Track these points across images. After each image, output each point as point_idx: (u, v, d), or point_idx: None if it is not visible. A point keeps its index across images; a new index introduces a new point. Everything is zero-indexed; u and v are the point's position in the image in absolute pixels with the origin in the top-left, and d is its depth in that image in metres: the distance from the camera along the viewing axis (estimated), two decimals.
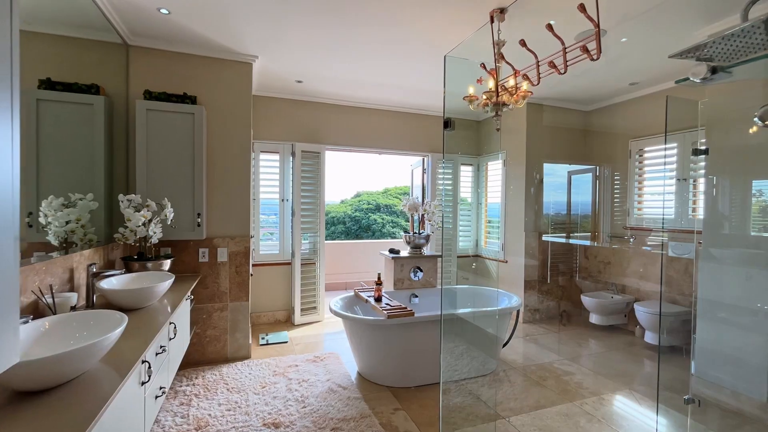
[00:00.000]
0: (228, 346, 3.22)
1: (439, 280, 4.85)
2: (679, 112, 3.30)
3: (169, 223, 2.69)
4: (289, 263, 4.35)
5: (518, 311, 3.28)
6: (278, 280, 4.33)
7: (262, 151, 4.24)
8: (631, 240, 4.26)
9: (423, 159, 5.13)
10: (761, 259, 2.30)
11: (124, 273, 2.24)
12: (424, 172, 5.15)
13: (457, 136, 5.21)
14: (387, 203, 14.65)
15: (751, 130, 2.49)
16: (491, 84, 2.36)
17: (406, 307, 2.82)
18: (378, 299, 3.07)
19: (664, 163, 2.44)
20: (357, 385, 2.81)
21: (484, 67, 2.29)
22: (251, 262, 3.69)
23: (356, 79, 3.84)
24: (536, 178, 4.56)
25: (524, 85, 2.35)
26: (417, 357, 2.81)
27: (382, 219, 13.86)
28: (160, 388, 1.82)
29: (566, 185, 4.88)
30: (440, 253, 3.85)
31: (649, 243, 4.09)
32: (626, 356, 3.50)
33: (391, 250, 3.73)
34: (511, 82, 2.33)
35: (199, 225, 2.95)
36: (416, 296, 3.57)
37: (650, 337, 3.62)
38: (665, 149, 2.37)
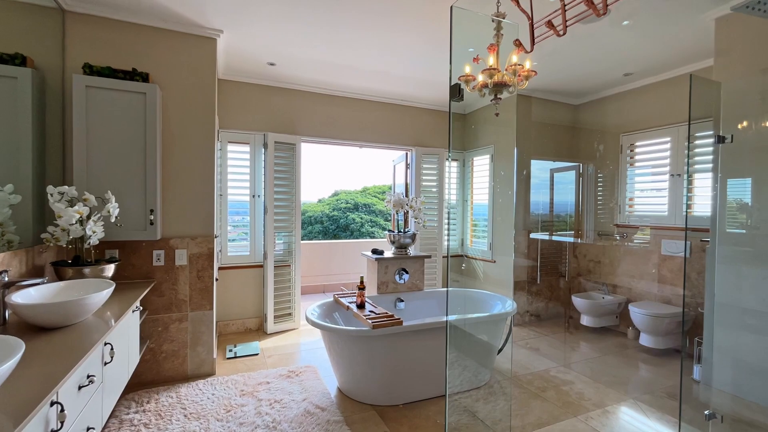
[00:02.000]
0: (188, 361, 2.81)
1: (427, 282, 4.57)
2: (695, 96, 3.08)
3: (113, 220, 2.27)
4: (261, 266, 3.95)
5: (512, 316, 3.03)
6: (249, 285, 3.92)
7: (230, 142, 3.83)
8: (617, 237, 4.12)
9: (406, 153, 4.83)
10: None
11: (48, 281, 1.81)
12: (407, 168, 4.85)
13: (441, 127, 4.94)
14: (366, 202, 14.37)
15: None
16: (491, 61, 2.08)
17: (393, 315, 2.50)
18: (361, 305, 2.74)
19: (687, 155, 2.21)
20: (337, 405, 2.47)
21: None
22: (217, 265, 3.28)
23: (336, 63, 3.49)
24: (523, 174, 4.36)
25: (527, 64, 2.08)
26: (406, 371, 2.50)
27: (361, 218, 13.56)
28: (88, 429, 1.43)
29: (548, 183, 4.71)
30: (427, 254, 3.56)
31: (635, 240, 3.95)
32: (622, 361, 3.31)
33: (374, 251, 3.41)
34: (514, 58, 2.05)
35: (152, 223, 2.53)
36: (402, 300, 3.27)
37: (645, 340, 3.45)
38: (688, 138, 2.15)
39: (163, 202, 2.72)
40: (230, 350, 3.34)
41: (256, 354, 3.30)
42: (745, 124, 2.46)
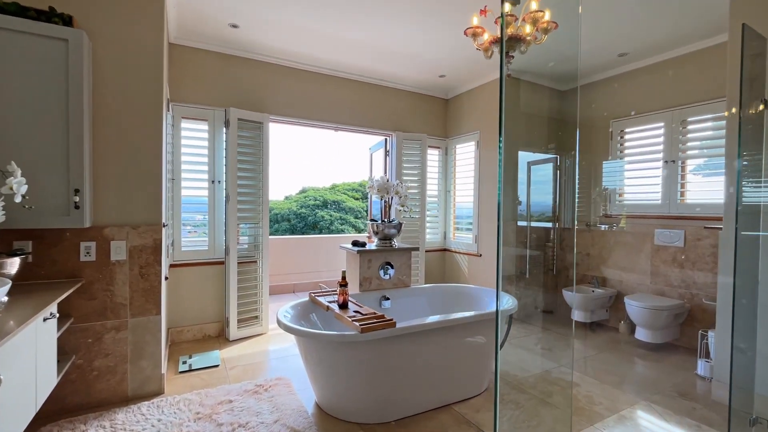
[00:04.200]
0: (128, 379, 2.28)
1: (412, 276, 4.21)
2: (708, 74, 2.82)
3: (18, 200, 1.72)
4: (222, 262, 3.43)
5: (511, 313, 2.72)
6: (208, 284, 3.39)
7: (184, 118, 3.28)
8: (602, 227, 3.97)
9: (386, 139, 4.45)
10: None
11: None
12: (386, 155, 4.47)
13: (424, 111, 4.61)
14: (335, 199, 13.95)
15: None
16: (507, 8, 1.73)
17: (383, 315, 2.11)
18: (343, 305, 2.33)
19: (739, 130, 1.94)
20: (317, 426, 2.05)
21: None
22: (167, 261, 2.75)
23: (311, 29, 3.05)
24: (509, 163, 4.10)
25: (546, 14, 1.76)
26: (399, 381, 2.12)
27: (330, 216, 13.12)
28: None
29: (524, 178, 4.52)
30: (415, 246, 3.20)
31: (616, 229, 3.80)
32: (621, 357, 3.11)
33: (355, 243, 3.00)
34: (533, 5, 1.72)
35: (77, 207, 1.98)
36: (387, 299, 2.88)
37: (642, 334, 3.28)
38: (740, 106, 1.87)
39: (94, 180, 2.18)
40: (184, 362, 2.81)
41: (216, 366, 2.80)
42: None
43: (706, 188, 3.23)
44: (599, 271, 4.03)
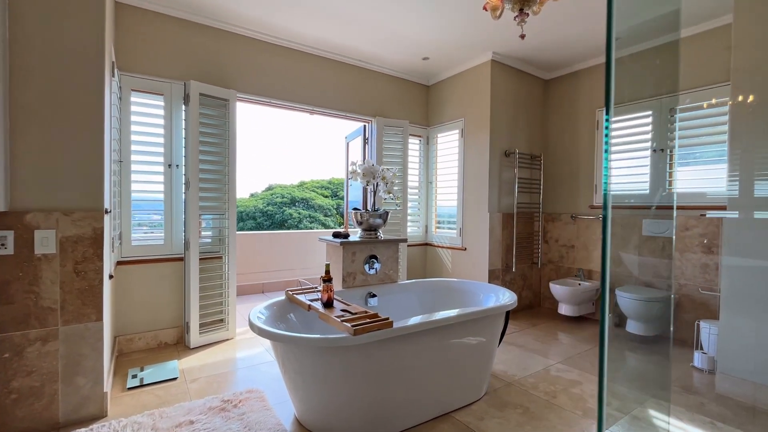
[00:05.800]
0: (59, 401, 1.84)
1: (413, 270, 3.92)
2: (712, 57, 2.68)
3: None
4: (181, 258, 2.99)
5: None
6: (164, 284, 2.94)
7: (134, 90, 2.81)
8: (575, 216, 3.89)
9: (364, 126, 4.14)
10: None
11: None
12: (365, 143, 4.16)
13: (406, 98, 4.35)
14: (304, 197, 13.52)
15: None
16: None
17: (377, 314, 1.82)
18: (328, 303, 2.01)
19: None
20: None
21: None
22: (112, 256, 2.31)
23: None
24: (506, 152, 3.91)
25: None
26: (394, 389, 1.83)
27: (299, 213, 12.68)
28: None
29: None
30: (401, 237, 2.92)
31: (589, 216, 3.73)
32: (615, 352, 2.97)
33: (337, 234, 2.69)
34: None
35: None
36: (374, 295, 2.59)
37: (633, 327, 3.18)
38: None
39: (12, 153, 1.73)
40: (134, 376, 2.38)
41: (174, 378, 2.38)
42: None
43: (696, 176, 3.19)
44: (584, 264, 3.94)
